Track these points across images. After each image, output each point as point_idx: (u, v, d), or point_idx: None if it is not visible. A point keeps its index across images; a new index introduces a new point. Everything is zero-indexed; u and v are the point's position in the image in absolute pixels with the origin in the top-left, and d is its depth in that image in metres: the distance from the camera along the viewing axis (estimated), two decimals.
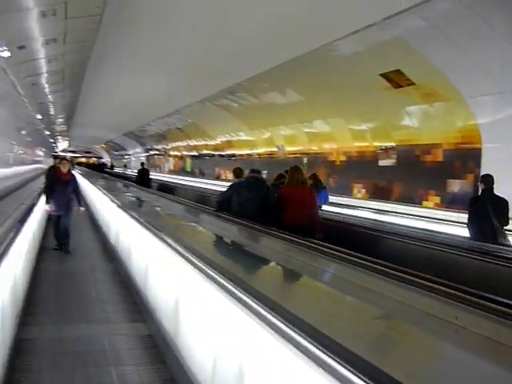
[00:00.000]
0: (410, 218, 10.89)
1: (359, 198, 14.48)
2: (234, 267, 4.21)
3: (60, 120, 32.52)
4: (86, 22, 10.43)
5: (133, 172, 35.96)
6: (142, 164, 23.52)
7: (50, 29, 10.32)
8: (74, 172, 11.27)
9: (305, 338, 2.07)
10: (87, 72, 16.32)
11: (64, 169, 10.00)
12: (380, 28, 9.87)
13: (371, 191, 14.33)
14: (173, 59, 15.05)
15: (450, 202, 11.38)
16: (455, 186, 11.35)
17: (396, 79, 11.48)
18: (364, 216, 11.21)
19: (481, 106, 10.16)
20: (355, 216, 10.79)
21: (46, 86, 17.10)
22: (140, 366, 4.53)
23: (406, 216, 11.16)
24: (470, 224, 7.55)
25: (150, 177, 21.67)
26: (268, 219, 7.10)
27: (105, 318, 5.96)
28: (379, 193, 13.85)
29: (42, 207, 10.14)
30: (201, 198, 16.10)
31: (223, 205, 7.81)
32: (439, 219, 10.29)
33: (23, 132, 26.19)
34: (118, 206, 9.42)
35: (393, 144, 13.46)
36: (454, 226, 9.25)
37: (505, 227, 7.32)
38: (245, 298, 2.75)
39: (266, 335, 2.36)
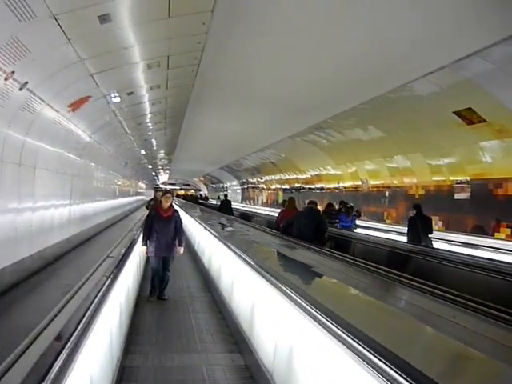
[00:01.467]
0: (482, 250, 11.35)
1: (436, 230, 14.97)
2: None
3: (161, 155, 34.75)
4: (186, 70, 11.96)
5: None
6: (225, 196, 26.90)
7: (154, 77, 11.96)
8: (176, 207, 10.06)
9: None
10: (187, 111, 17.89)
11: (166, 203, 8.63)
12: (451, 70, 10.70)
13: (447, 223, 14.83)
14: (264, 98, 16.21)
15: None
16: None
17: (468, 117, 12.15)
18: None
19: None
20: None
21: (150, 124, 18.93)
22: None
23: (479, 247, 11.60)
24: (408, 234, 12.26)
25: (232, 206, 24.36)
26: (320, 241, 8.87)
27: (203, 347, 6.11)
28: (455, 225, 14.30)
29: (140, 249, 8.96)
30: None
31: (286, 229, 9.63)
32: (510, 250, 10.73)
33: (128, 166, 28.54)
34: (214, 236, 9.88)
35: (467, 178, 13.96)
36: None
37: (430, 235, 11.97)
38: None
39: None
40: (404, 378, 2.23)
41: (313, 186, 27.37)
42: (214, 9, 8.24)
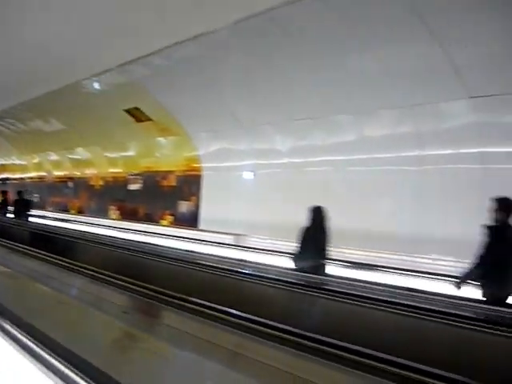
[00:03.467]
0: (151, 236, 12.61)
1: (114, 219, 16.02)
2: None
3: None
4: None
5: None
6: None
7: None
8: None
9: None
10: None
11: None
12: (117, 72, 11.68)
13: (123, 212, 16.03)
14: None
15: (180, 220, 13.52)
16: (184, 206, 13.54)
17: (137, 115, 13.35)
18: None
19: (200, 141, 12.49)
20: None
21: None
22: None
23: (147, 233, 12.82)
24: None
25: None
26: None
27: None
28: (128, 214, 15.54)
29: None
30: None
31: None
32: (171, 235, 12.15)
33: None
34: None
35: (139, 170, 15.37)
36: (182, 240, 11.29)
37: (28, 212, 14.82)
38: None
39: None
40: None
41: None
42: None
